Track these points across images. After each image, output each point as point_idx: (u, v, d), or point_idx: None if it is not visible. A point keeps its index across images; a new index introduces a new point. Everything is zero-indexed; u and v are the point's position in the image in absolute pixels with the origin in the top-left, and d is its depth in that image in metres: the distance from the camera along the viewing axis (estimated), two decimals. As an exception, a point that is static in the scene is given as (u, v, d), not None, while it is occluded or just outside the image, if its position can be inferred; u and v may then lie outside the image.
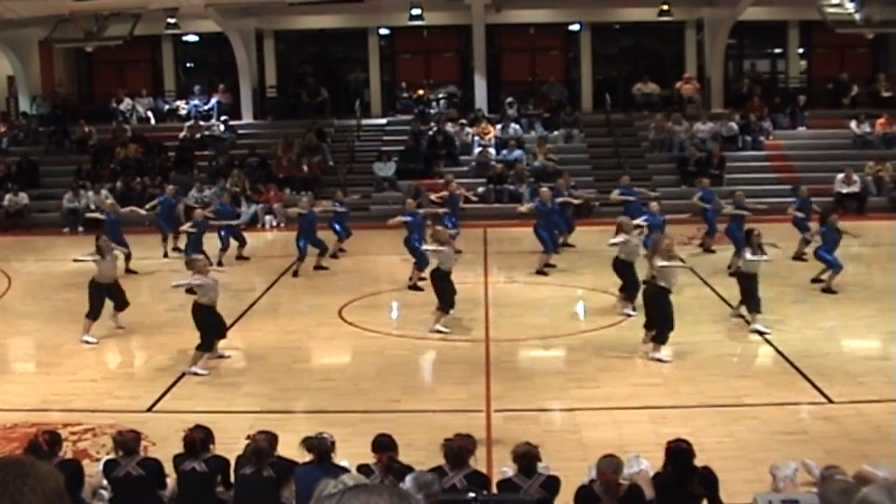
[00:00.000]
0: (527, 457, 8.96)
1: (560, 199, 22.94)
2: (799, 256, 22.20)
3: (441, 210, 23.90)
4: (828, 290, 19.54)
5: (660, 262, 15.46)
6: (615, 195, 24.58)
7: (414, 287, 20.24)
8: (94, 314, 17.35)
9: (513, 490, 8.74)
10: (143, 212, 24.76)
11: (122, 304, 17.88)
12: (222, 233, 23.56)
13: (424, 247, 19.21)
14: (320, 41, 38.34)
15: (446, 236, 17.98)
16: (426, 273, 19.05)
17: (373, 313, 18.98)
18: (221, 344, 15.98)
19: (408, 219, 21.11)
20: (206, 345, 15.35)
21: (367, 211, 29.16)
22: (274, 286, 21.54)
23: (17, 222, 30.14)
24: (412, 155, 32.49)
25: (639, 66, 37.16)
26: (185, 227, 22.57)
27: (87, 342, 16.98)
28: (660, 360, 15.16)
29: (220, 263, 22.40)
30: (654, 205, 21.80)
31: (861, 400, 13.28)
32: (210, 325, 15.50)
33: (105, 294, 17.58)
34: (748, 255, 17.02)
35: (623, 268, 18.23)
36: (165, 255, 24.17)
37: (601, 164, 31.97)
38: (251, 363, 16.24)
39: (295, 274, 22.14)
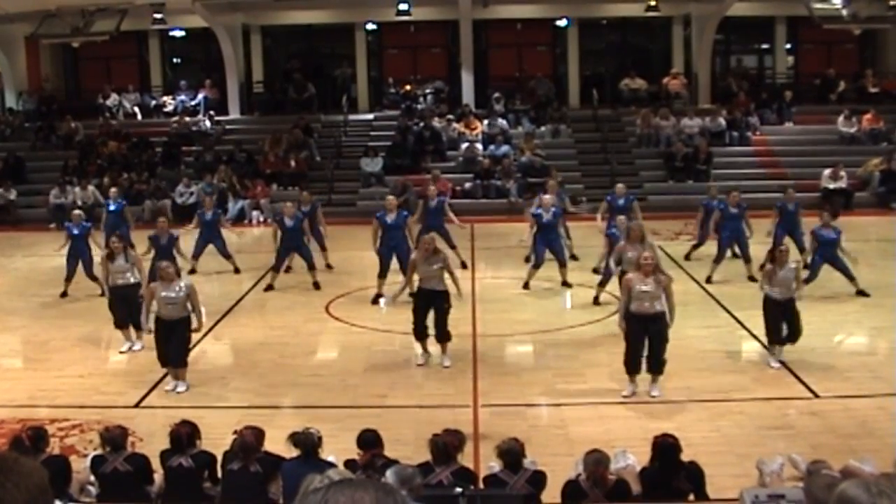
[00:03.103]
0: (511, 452, 8.96)
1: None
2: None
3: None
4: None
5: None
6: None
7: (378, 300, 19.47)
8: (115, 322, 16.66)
9: (499, 486, 8.74)
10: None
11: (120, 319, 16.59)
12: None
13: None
14: (307, 36, 38.31)
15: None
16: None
17: (360, 309, 18.98)
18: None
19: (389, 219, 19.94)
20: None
21: (353, 206, 29.17)
22: (261, 282, 21.50)
23: (4, 218, 30.08)
24: (399, 150, 32.50)
25: (626, 61, 37.21)
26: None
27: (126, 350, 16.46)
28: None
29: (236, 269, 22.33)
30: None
31: (847, 395, 13.32)
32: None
33: (113, 298, 16.67)
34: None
35: None
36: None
37: (588, 160, 32.02)
38: (238, 359, 16.24)
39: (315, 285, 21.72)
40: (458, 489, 7.96)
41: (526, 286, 20.32)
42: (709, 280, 20.24)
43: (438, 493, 8.02)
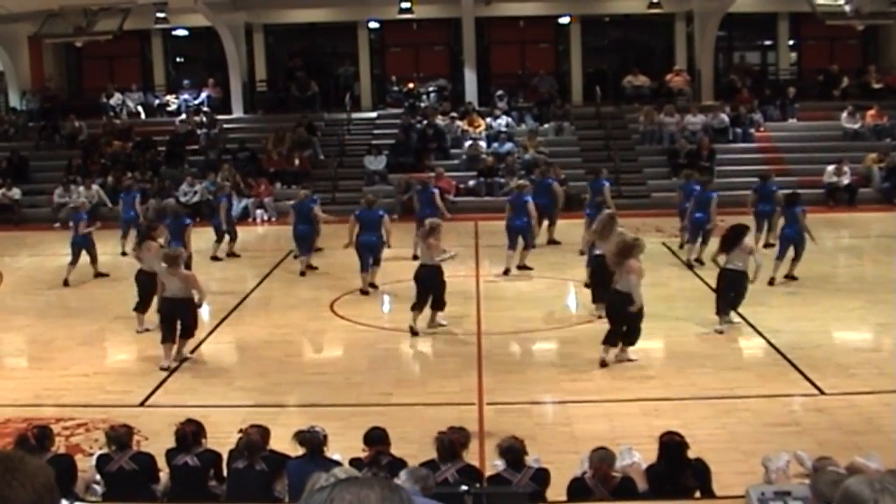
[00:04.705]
0: (512, 451, 8.96)
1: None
2: (767, 244, 22.24)
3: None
4: (790, 277, 19.63)
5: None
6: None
7: (373, 285, 20.16)
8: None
9: (502, 484, 8.74)
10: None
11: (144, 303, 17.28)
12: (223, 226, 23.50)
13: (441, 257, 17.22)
14: (310, 35, 38.28)
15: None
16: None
17: (364, 307, 18.96)
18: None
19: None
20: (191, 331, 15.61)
21: (357, 205, 29.11)
22: (265, 280, 21.52)
23: (8, 217, 30.10)
24: (403, 148, 32.50)
25: (629, 58, 37.18)
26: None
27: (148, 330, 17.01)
28: (629, 360, 14.91)
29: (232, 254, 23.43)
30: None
31: (853, 391, 13.31)
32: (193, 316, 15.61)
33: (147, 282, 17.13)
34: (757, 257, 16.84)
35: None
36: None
37: (591, 157, 31.92)
38: (243, 357, 16.24)
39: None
40: (464, 487, 7.97)
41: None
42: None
43: (444, 491, 8.01)
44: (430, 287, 16.78)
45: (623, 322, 14.82)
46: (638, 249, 14.75)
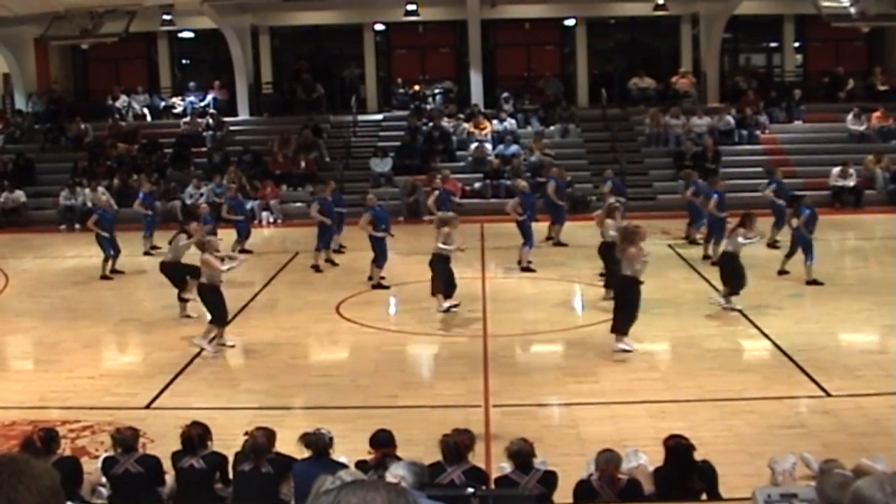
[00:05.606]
0: (521, 453, 8.94)
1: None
2: (773, 244, 22.22)
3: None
4: (813, 283, 19.55)
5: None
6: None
7: (378, 286, 20.45)
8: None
9: (510, 486, 8.72)
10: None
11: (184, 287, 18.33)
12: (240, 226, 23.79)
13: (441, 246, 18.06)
14: (316, 37, 38.33)
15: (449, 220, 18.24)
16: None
17: (370, 309, 18.97)
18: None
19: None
20: (219, 319, 16.29)
21: (363, 207, 29.13)
22: (272, 282, 21.53)
23: (14, 220, 30.11)
24: (408, 151, 32.48)
25: (634, 60, 37.19)
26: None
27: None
28: (624, 350, 15.31)
29: (242, 251, 23.24)
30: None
31: (859, 393, 13.29)
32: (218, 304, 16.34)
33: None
34: (740, 239, 17.69)
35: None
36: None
37: (597, 159, 31.92)
38: (249, 359, 16.24)
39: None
40: (470, 489, 7.95)
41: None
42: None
43: (450, 493, 8.00)
44: (433, 269, 17.88)
45: (630, 305, 15.50)
46: (638, 237, 15.46)
